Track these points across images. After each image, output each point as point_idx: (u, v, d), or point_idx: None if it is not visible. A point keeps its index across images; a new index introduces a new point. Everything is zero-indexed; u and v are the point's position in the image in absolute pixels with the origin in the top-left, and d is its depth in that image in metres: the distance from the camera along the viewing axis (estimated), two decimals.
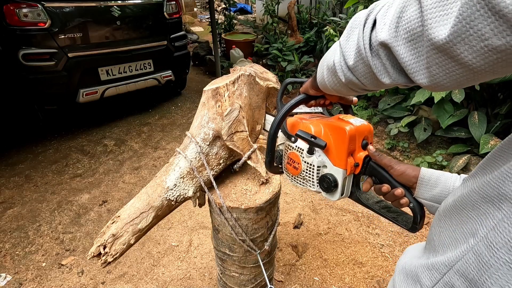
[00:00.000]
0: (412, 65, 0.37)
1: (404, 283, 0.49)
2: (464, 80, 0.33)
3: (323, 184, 0.70)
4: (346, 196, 0.72)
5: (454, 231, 0.41)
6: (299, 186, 0.76)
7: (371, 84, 0.47)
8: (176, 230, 2.10)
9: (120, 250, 0.92)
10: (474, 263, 0.36)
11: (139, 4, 3.27)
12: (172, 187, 0.99)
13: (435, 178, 0.60)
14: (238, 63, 4.56)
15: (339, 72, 0.50)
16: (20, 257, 1.91)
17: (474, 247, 0.36)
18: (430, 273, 0.43)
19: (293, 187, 2.48)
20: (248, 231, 1.07)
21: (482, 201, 0.37)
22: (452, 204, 0.43)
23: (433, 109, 2.60)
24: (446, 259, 0.40)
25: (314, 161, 0.70)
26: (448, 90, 0.37)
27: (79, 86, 2.97)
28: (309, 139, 0.69)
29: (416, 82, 0.39)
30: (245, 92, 1.05)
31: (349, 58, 0.47)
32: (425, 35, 0.33)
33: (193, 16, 9.22)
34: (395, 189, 0.62)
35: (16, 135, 3.22)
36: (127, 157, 2.93)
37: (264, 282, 1.28)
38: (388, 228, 2.05)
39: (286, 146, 0.77)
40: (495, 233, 0.34)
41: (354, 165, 0.68)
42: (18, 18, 2.58)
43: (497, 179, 0.35)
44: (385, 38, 0.39)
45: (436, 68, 0.34)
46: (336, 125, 0.67)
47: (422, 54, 0.35)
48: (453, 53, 0.31)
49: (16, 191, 2.48)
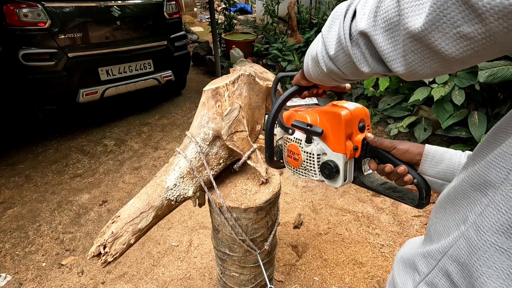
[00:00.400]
0: (390, 54, 0.39)
1: (403, 272, 0.51)
2: (437, 68, 0.35)
3: (325, 171, 0.70)
4: (349, 181, 0.72)
5: (448, 219, 0.43)
6: (301, 177, 0.76)
7: (351, 73, 0.49)
8: (176, 230, 2.10)
9: (120, 250, 0.92)
10: (465, 248, 0.38)
11: (139, 4, 3.27)
12: (172, 187, 0.99)
13: (439, 155, 0.61)
14: (238, 63, 4.56)
15: (321, 62, 0.52)
16: (20, 257, 1.91)
17: (465, 233, 0.38)
18: (426, 260, 0.45)
19: (293, 187, 2.48)
20: (248, 231, 1.07)
21: (471, 189, 0.39)
22: (447, 195, 0.45)
23: (432, 109, 2.60)
24: (440, 246, 0.42)
25: (313, 150, 0.70)
26: (423, 78, 0.38)
27: (79, 86, 2.97)
28: (305, 127, 0.69)
29: (393, 71, 0.40)
30: (245, 92, 1.05)
31: (330, 48, 0.48)
32: (401, 24, 0.35)
33: (193, 16, 9.22)
34: (398, 167, 0.62)
35: (16, 135, 3.22)
36: (127, 157, 2.93)
37: (264, 282, 1.28)
38: (388, 228, 2.05)
39: (285, 140, 0.77)
40: (482, 218, 0.36)
41: (354, 149, 0.67)
42: (18, 18, 2.58)
43: (483, 167, 0.38)
44: (364, 27, 0.41)
45: (411, 56, 0.36)
46: (330, 111, 0.68)
47: (399, 42, 0.37)
48: (428, 41, 0.32)
49: (16, 191, 2.48)
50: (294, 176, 0.78)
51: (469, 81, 2.42)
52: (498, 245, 0.34)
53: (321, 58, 0.51)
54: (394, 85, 3.05)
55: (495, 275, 0.34)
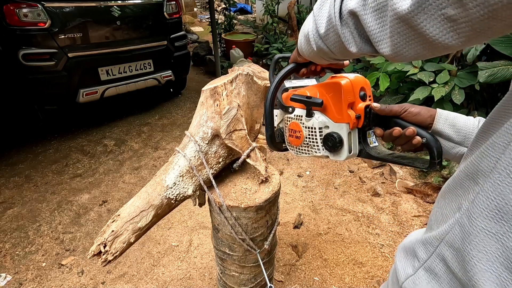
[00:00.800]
0: (377, 34, 0.39)
1: (404, 259, 0.53)
2: (421, 50, 0.36)
3: (328, 143, 0.68)
4: (355, 154, 0.69)
5: (445, 208, 0.45)
6: (304, 155, 0.75)
7: (339, 53, 0.49)
8: (176, 230, 2.10)
9: (120, 249, 0.92)
10: (459, 234, 0.40)
11: (139, 4, 3.27)
12: (172, 186, 0.99)
13: (452, 117, 0.61)
14: (238, 63, 4.56)
15: (311, 40, 0.52)
16: (20, 257, 1.91)
17: (459, 220, 0.40)
18: (425, 247, 0.47)
19: (293, 187, 2.47)
20: (248, 230, 1.07)
21: (466, 179, 0.41)
22: (447, 185, 0.47)
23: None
24: (438, 233, 0.44)
25: (314, 123, 0.69)
26: (408, 60, 0.39)
27: (79, 86, 2.97)
28: (304, 99, 0.68)
29: (380, 51, 0.41)
30: (243, 91, 1.05)
31: (321, 26, 0.49)
32: (389, 5, 0.35)
33: (193, 16, 9.22)
34: (406, 129, 0.60)
35: (16, 135, 3.23)
36: (127, 157, 2.93)
37: (264, 282, 1.28)
38: (388, 228, 2.05)
39: (286, 121, 0.76)
40: (473, 205, 0.38)
41: (356, 117, 0.65)
42: (18, 18, 2.58)
43: (477, 157, 0.39)
44: (354, 6, 0.41)
45: (397, 38, 0.36)
46: (329, 82, 0.67)
47: (386, 23, 0.37)
48: (413, 23, 0.33)
49: (16, 191, 2.48)
50: (297, 156, 0.77)
51: (469, 81, 2.41)
52: (487, 229, 0.36)
53: (311, 37, 0.52)
54: (394, 85, 3.04)
55: (484, 258, 0.36)
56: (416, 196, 2.30)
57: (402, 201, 2.26)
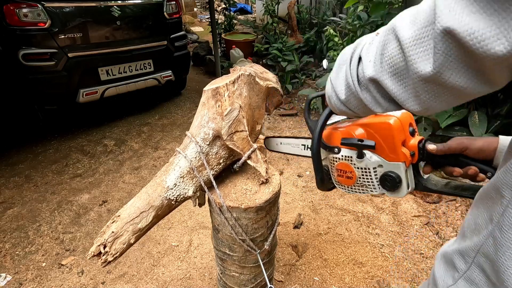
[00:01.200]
0: (401, 95, 0.41)
1: (444, 268, 0.53)
2: (452, 100, 0.37)
3: (386, 183, 0.67)
4: (413, 189, 0.69)
5: (478, 218, 0.46)
6: (359, 194, 0.73)
7: (364, 113, 0.52)
8: (176, 230, 2.10)
9: (120, 250, 0.92)
10: (493, 246, 0.41)
11: (139, 4, 3.27)
12: (172, 187, 0.99)
13: None
14: (238, 63, 4.56)
15: (333, 105, 0.56)
16: (20, 257, 1.91)
17: (492, 232, 0.41)
18: (463, 258, 0.48)
19: (293, 187, 2.48)
20: (248, 230, 1.07)
21: (494, 192, 0.42)
22: (478, 195, 0.48)
23: None
24: (473, 244, 0.45)
25: (368, 164, 0.68)
26: (439, 111, 0.41)
27: (79, 86, 2.97)
28: (356, 143, 0.67)
29: (408, 109, 0.43)
30: (245, 92, 1.05)
31: (341, 93, 0.52)
32: (410, 69, 0.37)
33: (193, 16, 9.22)
34: (468, 169, 0.60)
35: (16, 135, 3.22)
36: (127, 157, 2.93)
37: (264, 282, 1.28)
38: (388, 228, 2.05)
39: (331, 160, 0.75)
40: (503, 217, 0.39)
41: (411, 155, 0.66)
42: (18, 18, 2.58)
43: (504, 172, 0.40)
44: (372, 74, 0.43)
45: (425, 95, 0.38)
46: (377, 121, 0.66)
47: (409, 84, 0.39)
48: (441, 80, 0.35)
49: (16, 191, 2.48)
50: (349, 194, 0.76)
51: None
52: None
53: (333, 101, 0.55)
54: None
55: None
56: (416, 196, 2.30)
57: (402, 201, 2.26)
